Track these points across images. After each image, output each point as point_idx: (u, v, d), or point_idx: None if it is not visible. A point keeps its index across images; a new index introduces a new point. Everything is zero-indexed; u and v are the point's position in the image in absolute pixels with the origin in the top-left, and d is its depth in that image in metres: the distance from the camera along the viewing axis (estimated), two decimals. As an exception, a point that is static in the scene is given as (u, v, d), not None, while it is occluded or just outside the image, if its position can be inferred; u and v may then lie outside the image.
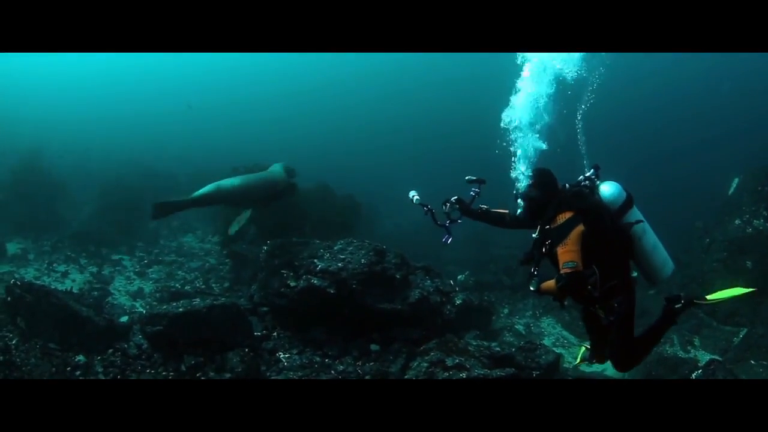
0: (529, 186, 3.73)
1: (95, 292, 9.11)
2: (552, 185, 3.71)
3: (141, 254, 11.11)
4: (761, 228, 10.04)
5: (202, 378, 5.81)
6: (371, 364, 6.10)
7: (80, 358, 5.75)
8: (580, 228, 3.39)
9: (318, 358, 6.26)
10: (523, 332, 8.76)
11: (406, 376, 5.76)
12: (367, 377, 5.97)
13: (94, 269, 10.24)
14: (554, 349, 7.54)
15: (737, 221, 10.15)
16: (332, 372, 6.06)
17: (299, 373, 6.03)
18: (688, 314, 9.71)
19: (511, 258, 10.40)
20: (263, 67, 42.76)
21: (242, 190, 7.68)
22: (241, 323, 6.52)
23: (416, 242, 11.63)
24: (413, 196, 4.17)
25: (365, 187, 15.66)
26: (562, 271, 3.34)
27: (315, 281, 6.05)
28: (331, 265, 6.04)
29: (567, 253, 3.33)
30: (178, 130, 33.73)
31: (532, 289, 3.59)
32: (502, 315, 9.79)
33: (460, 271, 11.05)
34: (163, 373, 5.87)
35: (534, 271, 3.61)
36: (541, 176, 3.74)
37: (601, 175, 3.72)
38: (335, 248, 6.32)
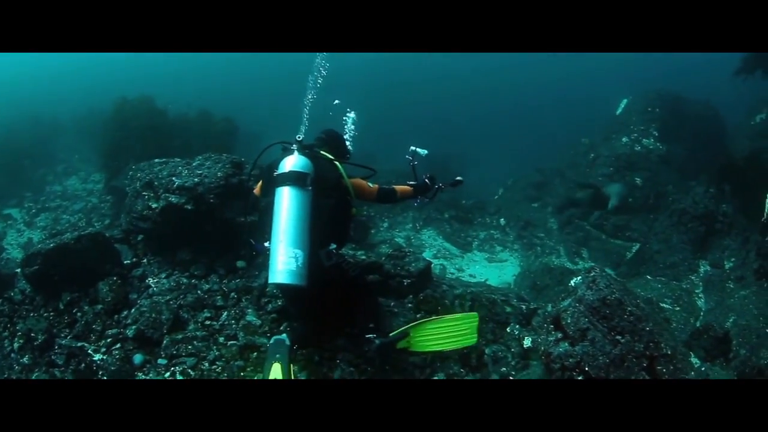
0: None
1: (-12, 251, 8.79)
2: None
3: (29, 204, 10.62)
4: (651, 147, 10.30)
5: (80, 313, 5.70)
6: (237, 281, 6.03)
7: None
8: None
9: (185, 280, 6.15)
10: (404, 245, 8.79)
11: (267, 289, 5.76)
12: (233, 294, 5.92)
13: (-14, 226, 9.81)
14: (435, 260, 7.60)
15: (624, 139, 10.41)
16: (198, 292, 5.97)
17: (167, 297, 5.93)
18: (574, 226, 10.05)
19: (390, 172, 9.90)
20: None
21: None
22: (109, 252, 6.35)
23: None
24: (413, 149, 5.03)
25: (253, 112, 15.38)
26: None
27: (173, 199, 5.84)
28: (187, 181, 5.84)
29: None
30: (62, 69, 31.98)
31: None
32: (381, 228, 9.72)
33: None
34: (45, 314, 5.74)
35: None
36: None
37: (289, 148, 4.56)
38: (194, 164, 6.10)
